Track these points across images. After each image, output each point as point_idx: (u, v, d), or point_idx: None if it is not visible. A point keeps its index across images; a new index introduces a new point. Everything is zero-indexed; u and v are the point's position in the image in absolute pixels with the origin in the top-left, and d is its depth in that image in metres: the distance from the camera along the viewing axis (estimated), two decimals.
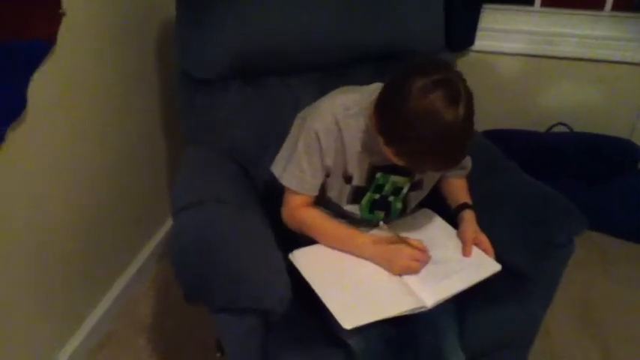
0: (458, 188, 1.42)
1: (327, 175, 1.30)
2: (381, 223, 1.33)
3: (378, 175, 1.30)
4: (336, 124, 1.23)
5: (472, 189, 1.43)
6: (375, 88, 1.25)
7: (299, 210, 1.32)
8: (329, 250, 1.30)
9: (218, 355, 1.35)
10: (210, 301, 1.14)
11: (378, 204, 1.36)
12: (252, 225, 1.29)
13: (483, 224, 1.35)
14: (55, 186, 1.52)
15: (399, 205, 1.39)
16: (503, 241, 1.32)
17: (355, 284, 1.22)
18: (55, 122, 1.48)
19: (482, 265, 1.26)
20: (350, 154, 1.26)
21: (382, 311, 1.14)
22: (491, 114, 2.29)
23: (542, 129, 2.34)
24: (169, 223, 2.18)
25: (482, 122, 1.85)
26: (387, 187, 1.33)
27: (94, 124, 1.66)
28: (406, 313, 1.14)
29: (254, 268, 1.15)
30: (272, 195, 1.41)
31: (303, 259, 1.27)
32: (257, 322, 1.19)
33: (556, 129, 2.32)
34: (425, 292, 1.18)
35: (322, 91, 1.57)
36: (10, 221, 1.38)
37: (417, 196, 1.41)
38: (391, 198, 1.36)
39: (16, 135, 1.33)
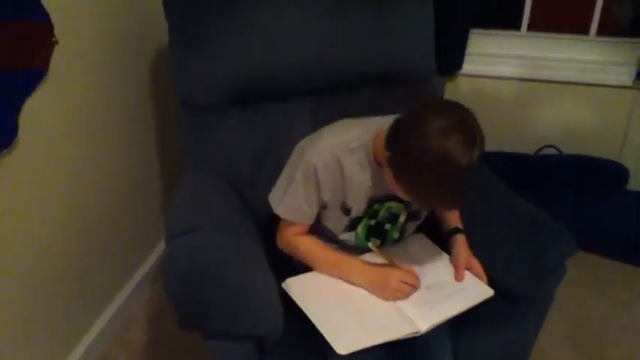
0: (449, 213, 1.43)
1: (324, 207, 1.31)
2: (370, 244, 1.34)
3: (376, 205, 1.32)
4: (336, 160, 1.24)
5: (463, 211, 1.44)
6: (377, 122, 1.28)
7: (293, 237, 1.34)
8: (322, 277, 1.31)
9: None
10: (204, 329, 1.14)
11: (373, 231, 1.37)
12: (247, 251, 1.29)
13: (475, 248, 1.36)
14: (48, 210, 1.52)
15: (395, 235, 1.40)
16: (495, 265, 1.34)
17: (349, 310, 1.22)
18: (48, 149, 1.49)
19: (475, 290, 1.27)
20: (350, 188, 1.27)
21: (376, 336, 1.14)
22: None
23: (530, 151, 2.37)
24: (162, 245, 2.17)
25: None
26: (382, 213, 1.34)
27: (87, 150, 1.67)
28: (400, 338, 1.14)
29: (248, 295, 1.16)
30: (267, 219, 1.42)
31: (297, 286, 1.28)
32: (251, 348, 1.19)
33: (545, 151, 2.35)
34: (419, 317, 1.19)
35: (314, 116, 1.60)
36: (3, 246, 1.38)
37: (413, 226, 1.43)
38: (388, 226, 1.37)
39: (8, 162, 1.34)
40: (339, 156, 1.24)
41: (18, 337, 1.48)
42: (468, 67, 2.29)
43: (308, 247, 1.33)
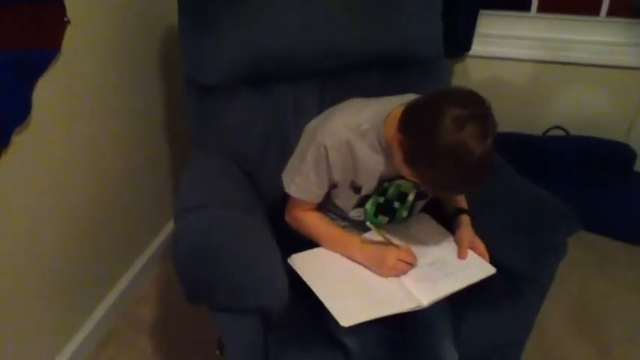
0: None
1: (335, 186, 1.33)
2: (368, 222, 1.36)
3: (385, 184, 1.34)
4: (347, 142, 1.25)
5: (471, 194, 1.45)
6: (388, 102, 1.28)
7: (301, 213, 1.38)
8: (327, 253, 1.34)
9: (217, 352, 1.38)
10: (212, 302, 1.16)
11: (382, 208, 1.38)
12: (253, 228, 1.31)
13: (479, 227, 1.38)
14: (59, 188, 1.55)
15: (404, 213, 1.42)
16: (498, 244, 1.35)
17: (353, 285, 1.25)
18: (59, 127, 1.51)
19: (478, 268, 1.29)
20: (360, 169, 1.29)
21: (379, 310, 1.17)
22: None
23: (538, 132, 2.37)
24: (171, 224, 2.20)
25: None
26: (391, 191, 1.36)
27: (98, 129, 1.69)
28: (402, 312, 1.17)
29: (254, 268, 1.18)
30: (275, 199, 1.45)
31: (302, 262, 1.31)
32: (257, 321, 1.22)
33: (552, 132, 2.35)
34: (421, 291, 1.21)
35: (323, 98, 1.60)
36: (15, 223, 1.41)
37: (421, 204, 1.44)
38: (397, 204, 1.39)
39: (21, 139, 1.36)
40: (350, 138, 1.25)
41: (28, 311, 1.51)
42: (477, 48, 2.27)
43: (314, 222, 1.37)
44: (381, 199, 1.37)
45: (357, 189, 1.33)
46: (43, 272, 1.54)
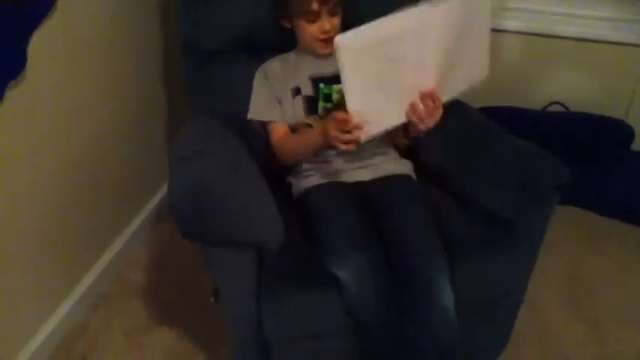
0: None
1: (280, 102, 1.52)
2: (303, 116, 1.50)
3: (321, 85, 1.48)
4: (277, 59, 1.55)
5: (456, 145, 1.55)
6: None
7: (277, 140, 1.52)
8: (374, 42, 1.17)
9: (212, 299, 1.38)
10: (206, 237, 1.17)
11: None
12: (248, 173, 1.35)
13: (469, 175, 1.43)
14: (54, 145, 1.52)
15: None
16: (488, 190, 1.39)
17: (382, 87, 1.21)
18: (54, 82, 1.48)
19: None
20: (291, 75, 1.51)
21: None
22: (487, 90, 2.29)
23: (537, 107, 2.36)
24: (165, 189, 2.18)
25: (478, 99, 1.86)
26: (335, 96, 1.47)
27: (93, 86, 1.66)
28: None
29: (248, 205, 1.20)
30: (271, 163, 1.50)
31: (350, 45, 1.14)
32: (251, 258, 1.21)
33: (552, 108, 2.34)
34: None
35: None
36: (10, 179, 1.38)
37: None
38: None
39: (16, 93, 1.33)
40: (277, 58, 1.56)
41: (20, 272, 1.49)
42: None
43: (287, 140, 1.51)
44: (329, 105, 1.48)
45: (296, 90, 1.50)
46: (35, 233, 1.52)
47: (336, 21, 1.44)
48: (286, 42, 1.55)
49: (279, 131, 1.52)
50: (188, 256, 1.96)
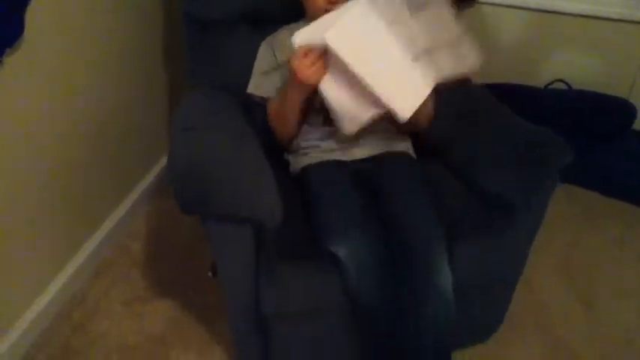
0: None
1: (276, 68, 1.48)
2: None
3: None
4: (284, 29, 1.51)
5: (460, 124, 1.53)
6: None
7: (269, 110, 1.48)
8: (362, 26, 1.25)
9: (210, 274, 1.39)
10: (205, 210, 1.17)
11: None
12: (249, 148, 1.33)
13: (474, 156, 1.43)
14: (53, 112, 1.51)
15: None
16: (490, 169, 1.39)
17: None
18: (52, 51, 1.47)
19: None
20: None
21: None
22: (490, 67, 2.27)
23: (540, 84, 2.34)
24: (164, 160, 2.18)
25: (482, 75, 1.84)
26: None
27: (92, 55, 1.64)
28: None
29: (248, 180, 1.19)
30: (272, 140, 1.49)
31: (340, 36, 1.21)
32: (250, 234, 1.21)
33: (555, 85, 2.33)
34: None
35: None
36: (9, 148, 1.38)
37: None
38: None
39: (13, 61, 1.32)
40: (281, 32, 1.52)
41: (20, 241, 1.50)
42: None
43: (274, 104, 1.46)
44: None
45: None
46: (35, 201, 1.52)
47: None
48: (291, 14, 1.53)
49: (270, 105, 1.50)
50: (189, 227, 1.97)
